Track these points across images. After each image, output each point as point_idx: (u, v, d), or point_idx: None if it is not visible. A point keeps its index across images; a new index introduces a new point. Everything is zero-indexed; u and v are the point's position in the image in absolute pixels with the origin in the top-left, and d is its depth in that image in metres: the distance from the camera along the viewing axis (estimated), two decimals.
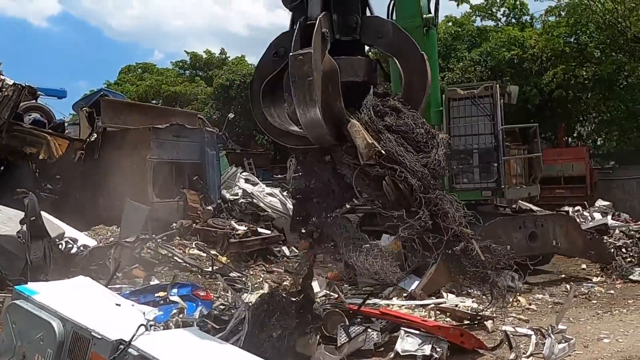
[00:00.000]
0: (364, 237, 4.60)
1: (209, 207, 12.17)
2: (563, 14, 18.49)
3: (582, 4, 17.54)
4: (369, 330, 5.59)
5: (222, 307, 6.35)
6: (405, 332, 5.42)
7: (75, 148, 12.03)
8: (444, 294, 7.95)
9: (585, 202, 15.28)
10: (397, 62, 4.18)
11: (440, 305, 7.16)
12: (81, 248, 6.49)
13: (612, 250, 10.85)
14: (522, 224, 8.72)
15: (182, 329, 3.72)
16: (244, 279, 9.60)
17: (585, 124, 22.22)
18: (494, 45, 19.51)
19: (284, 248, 12.57)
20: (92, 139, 11.99)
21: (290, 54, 3.73)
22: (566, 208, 15.37)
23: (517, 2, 21.64)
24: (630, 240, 11.14)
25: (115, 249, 6.57)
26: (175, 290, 5.54)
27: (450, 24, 22.74)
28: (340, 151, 4.04)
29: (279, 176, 23.86)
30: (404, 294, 8.12)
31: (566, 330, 5.89)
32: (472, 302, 7.55)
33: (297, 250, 12.84)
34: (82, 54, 77.53)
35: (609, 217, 14.14)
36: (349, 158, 4.00)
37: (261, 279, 10.16)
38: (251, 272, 10.46)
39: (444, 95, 9.67)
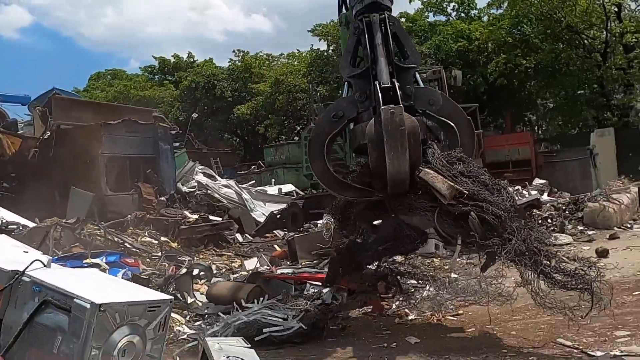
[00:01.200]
0: None
1: (162, 198, 12.68)
2: (504, 6, 19.45)
3: None
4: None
5: (154, 275, 6.94)
6: (310, 284, 6.07)
7: (29, 146, 12.43)
8: None
9: (527, 183, 16.16)
10: (450, 124, 4.81)
11: None
12: (20, 228, 6.95)
13: (540, 220, 11.75)
14: None
15: (85, 269, 4.26)
16: (191, 261, 10.15)
17: (532, 111, 23.28)
18: (442, 39, 20.38)
19: (237, 235, 13.12)
20: (46, 137, 12.40)
21: (382, 107, 4.25)
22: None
23: None
24: (557, 212, 12.02)
25: (55, 229, 7.04)
26: (103, 258, 6.06)
27: (403, 19, 23.56)
28: (413, 197, 4.49)
29: (244, 172, 24.47)
30: None
31: (458, 278, 6.62)
32: None
33: (250, 237, 13.43)
34: (56, 64, 76.67)
35: (545, 194, 15.06)
36: (425, 202, 4.44)
37: (209, 261, 10.67)
38: (201, 256, 10.98)
39: None
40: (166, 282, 5.93)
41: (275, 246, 11.27)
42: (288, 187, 18.40)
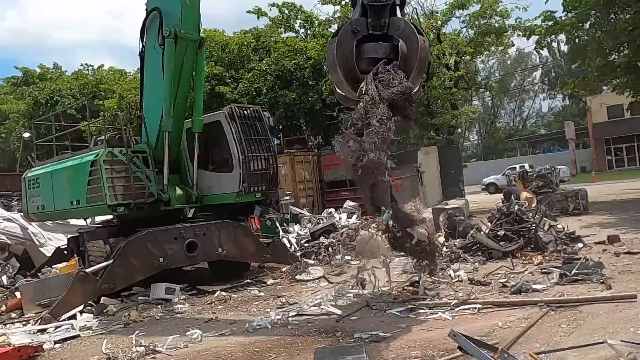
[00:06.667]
0: None
1: None
2: (335, 25, 19.51)
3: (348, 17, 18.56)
4: None
5: None
6: None
7: None
8: (79, 315, 7.70)
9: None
10: (404, 42, 6.29)
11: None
12: None
13: (321, 249, 11.42)
14: (178, 235, 8.68)
15: None
16: None
17: None
18: (279, 56, 20.03)
19: (3, 277, 11.64)
20: None
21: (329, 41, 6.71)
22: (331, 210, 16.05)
23: (304, 14, 22.47)
24: (339, 240, 11.74)
25: None
26: None
27: (249, 35, 23.05)
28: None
29: None
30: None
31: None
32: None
33: (27, 277, 11.91)
34: None
35: (354, 216, 14.97)
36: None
37: None
38: None
39: (224, 110, 10.03)
40: None
41: (17, 293, 9.95)
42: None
